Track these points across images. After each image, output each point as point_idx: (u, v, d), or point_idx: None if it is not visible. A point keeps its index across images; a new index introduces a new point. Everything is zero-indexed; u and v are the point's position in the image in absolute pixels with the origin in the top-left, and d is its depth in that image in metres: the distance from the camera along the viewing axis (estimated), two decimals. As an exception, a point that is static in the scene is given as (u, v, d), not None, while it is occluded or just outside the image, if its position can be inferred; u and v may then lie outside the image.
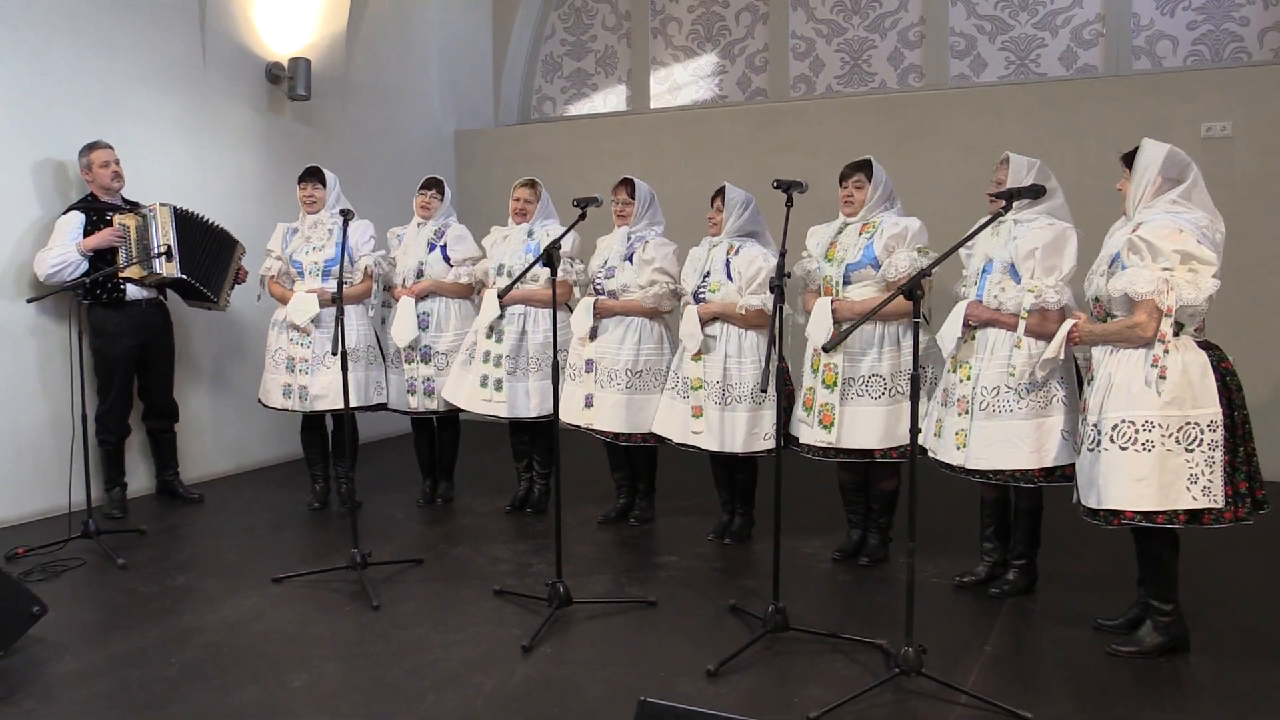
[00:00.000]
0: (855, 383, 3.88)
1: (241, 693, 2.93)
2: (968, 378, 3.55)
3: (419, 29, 7.43)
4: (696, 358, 4.21)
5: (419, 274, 4.89)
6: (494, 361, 4.67)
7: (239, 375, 5.89)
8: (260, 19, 6.00)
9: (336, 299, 3.85)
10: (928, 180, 5.93)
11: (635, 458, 4.73)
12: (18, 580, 3.39)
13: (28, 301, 4.64)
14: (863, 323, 3.19)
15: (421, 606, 3.64)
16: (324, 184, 4.88)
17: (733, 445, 4.15)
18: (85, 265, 4.69)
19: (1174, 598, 3.14)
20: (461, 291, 4.94)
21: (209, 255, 5.04)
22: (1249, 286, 5.23)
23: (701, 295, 4.23)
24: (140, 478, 5.32)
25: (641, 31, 7.75)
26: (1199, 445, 2.94)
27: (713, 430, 4.17)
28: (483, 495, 5.28)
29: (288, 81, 6.12)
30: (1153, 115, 5.61)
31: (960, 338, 3.53)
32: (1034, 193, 3.10)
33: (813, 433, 3.95)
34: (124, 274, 4.75)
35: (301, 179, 4.90)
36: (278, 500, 5.26)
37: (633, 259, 4.47)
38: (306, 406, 4.83)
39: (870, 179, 3.92)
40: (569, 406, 4.53)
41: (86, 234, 4.70)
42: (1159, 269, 2.93)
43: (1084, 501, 3.16)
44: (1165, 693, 2.91)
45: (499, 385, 4.67)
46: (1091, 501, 3.10)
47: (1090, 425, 3.12)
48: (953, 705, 2.80)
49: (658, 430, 4.39)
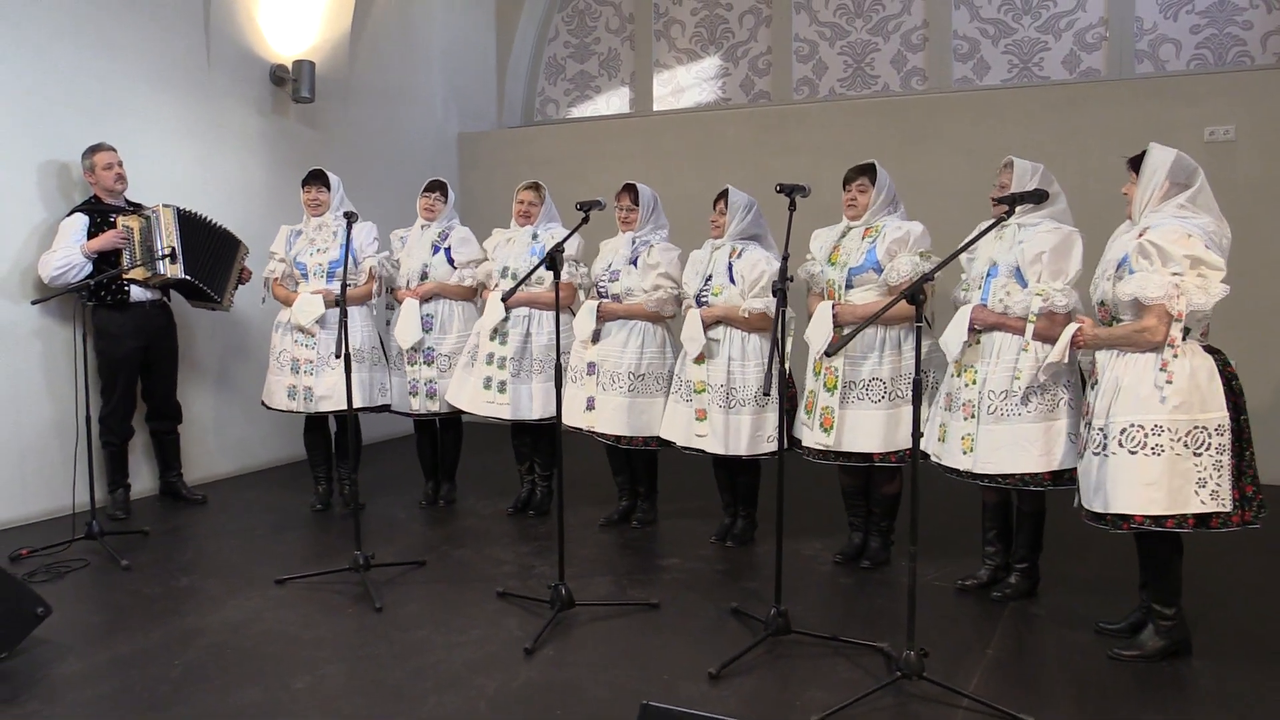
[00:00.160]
0: (856, 386, 3.88)
1: (244, 694, 2.94)
2: (973, 382, 3.54)
3: (422, 31, 7.44)
4: (699, 361, 4.22)
5: (423, 276, 4.90)
6: (498, 363, 4.68)
7: (242, 376, 5.90)
8: (264, 21, 6.02)
9: (340, 301, 3.87)
10: (930, 183, 5.92)
11: (635, 461, 4.73)
12: (22, 581, 3.39)
13: (32, 303, 4.66)
14: (864, 328, 3.19)
15: (424, 608, 3.65)
16: (328, 187, 4.89)
17: (737, 448, 4.15)
18: (89, 267, 4.70)
19: (1177, 602, 3.14)
20: (465, 294, 4.96)
21: (212, 256, 5.05)
22: (1251, 290, 5.22)
23: (704, 298, 4.24)
24: (143, 479, 5.33)
25: (645, 34, 7.76)
26: (1207, 449, 2.94)
27: (717, 433, 4.17)
28: (485, 497, 5.29)
29: (292, 84, 6.13)
30: (1155, 119, 5.61)
31: (966, 342, 3.53)
32: (1037, 197, 3.10)
33: (813, 435, 3.96)
34: (128, 276, 4.77)
35: (305, 182, 4.91)
36: (280, 502, 5.26)
37: (637, 263, 4.48)
38: (312, 407, 4.84)
39: (874, 183, 3.92)
40: (570, 409, 4.53)
41: (90, 236, 4.71)
42: (1169, 274, 2.93)
43: (1088, 505, 3.15)
44: (1167, 696, 2.91)
45: (503, 387, 4.67)
46: (1098, 506, 3.09)
47: (1095, 429, 3.11)
48: (954, 709, 2.80)
49: (663, 434, 4.40)
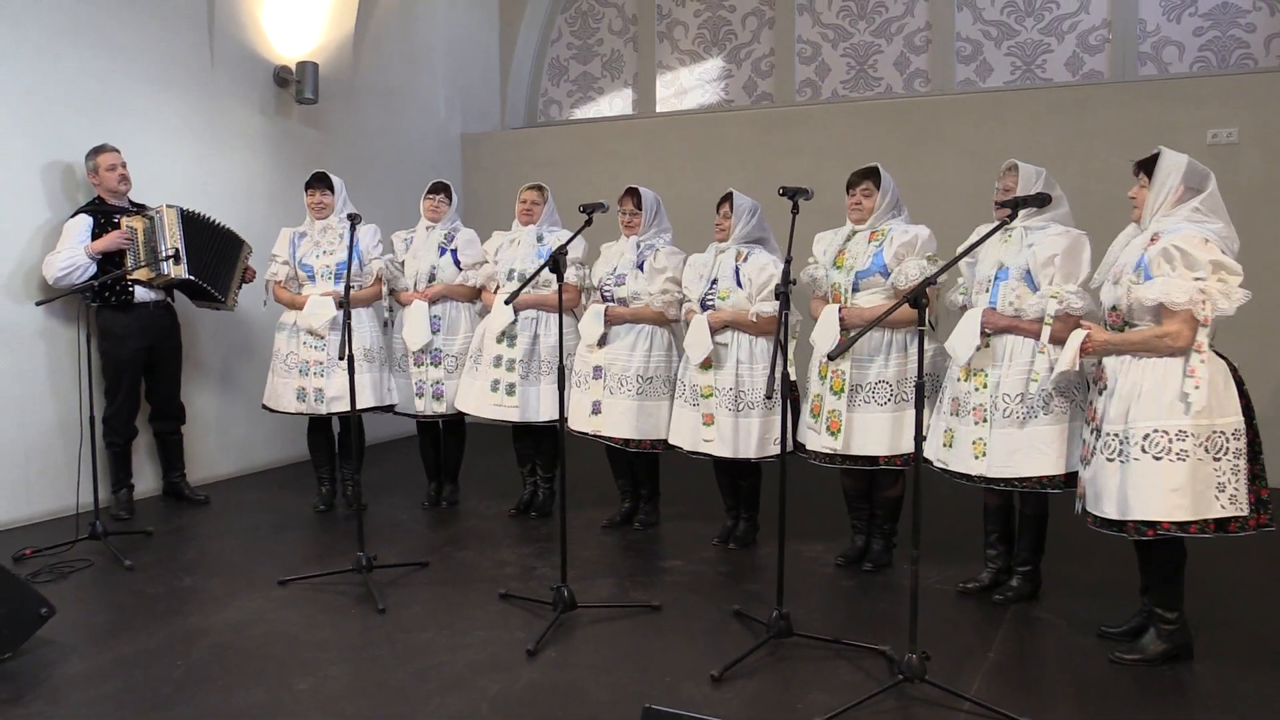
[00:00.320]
0: (863, 389, 3.87)
1: (247, 695, 2.94)
2: (983, 385, 3.53)
3: (425, 33, 7.44)
4: (705, 366, 4.21)
5: (431, 278, 4.91)
6: (506, 366, 4.68)
7: (246, 377, 5.91)
8: (268, 22, 6.03)
9: (344, 303, 3.89)
10: (933, 185, 5.92)
11: (636, 464, 4.73)
12: (25, 581, 3.40)
13: (37, 304, 4.67)
14: (868, 330, 3.20)
15: (426, 610, 3.65)
16: (332, 189, 4.90)
17: (746, 451, 4.15)
18: (94, 268, 4.71)
19: (1179, 606, 3.13)
20: (473, 295, 4.96)
21: (216, 256, 5.06)
22: (1253, 292, 5.19)
23: (709, 302, 4.23)
24: (147, 479, 5.34)
25: (648, 35, 7.76)
26: (1225, 454, 2.93)
27: (725, 437, 4.16)
28: (488, 499, 5.29)
29: (295, 85, 6.14)
30: (1159, 121, 5.61)
31: (977, 345, 3.51)
32: (1041, 201, 3.09)
33: (820, 439, 3.95)
34: (132, 276, 4.78)
35: (309, 185, 4.91)
36: (283, 502, 5.27)
37: (643, 267, 4.48)
38: (323, 409, 4.84)
39: (878, 186, 3.92)
40: (576, 413, 4.53)
41: (94, 237, 4.72)
42: (1193, 279, 2.92)
43: (1097, 511, 3.10)
44: (1169, 700, 2.91)
45: (511, 390, 4.67)
46: (1113, 512, 3.03)
47: (1109, 434, 3.06)
48: (956, 712, 2.80)
49: (671, 439, 4.39)
